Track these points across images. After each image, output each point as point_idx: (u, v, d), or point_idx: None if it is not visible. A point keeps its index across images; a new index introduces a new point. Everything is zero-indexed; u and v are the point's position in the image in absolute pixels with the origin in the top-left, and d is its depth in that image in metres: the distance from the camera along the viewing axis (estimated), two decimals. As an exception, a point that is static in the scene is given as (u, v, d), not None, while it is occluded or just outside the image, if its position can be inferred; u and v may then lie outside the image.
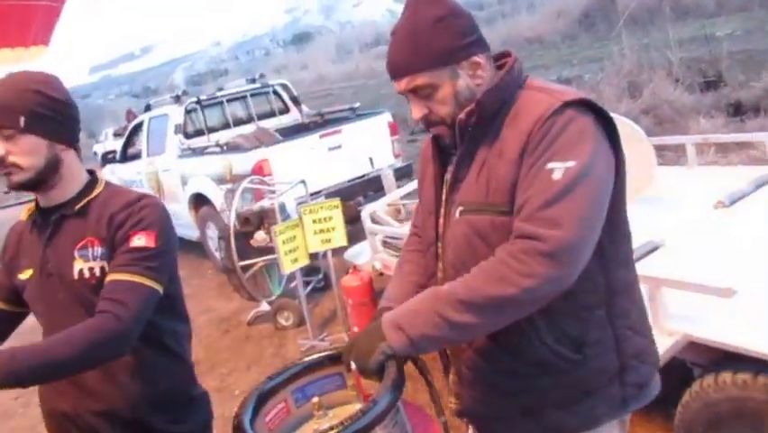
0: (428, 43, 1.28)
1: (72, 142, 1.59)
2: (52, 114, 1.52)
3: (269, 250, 5.10)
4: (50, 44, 10.54)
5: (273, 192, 5.43)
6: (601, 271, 1.30)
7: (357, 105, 7.73)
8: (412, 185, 4.96)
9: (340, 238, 4.55)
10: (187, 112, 7.60)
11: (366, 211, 4.37)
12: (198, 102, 7.71)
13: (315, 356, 1.40)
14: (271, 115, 8.45)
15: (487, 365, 1.39)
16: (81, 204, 1.59)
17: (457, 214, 1.34)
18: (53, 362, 1.32)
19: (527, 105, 1.28)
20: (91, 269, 1.52)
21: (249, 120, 8.21)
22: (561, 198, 1.16)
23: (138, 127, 8.27)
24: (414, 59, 1.30)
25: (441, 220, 1.41)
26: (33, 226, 1.62)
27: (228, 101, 8.16)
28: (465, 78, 1.31)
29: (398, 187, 5.82)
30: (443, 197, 1.41)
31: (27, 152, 1.50)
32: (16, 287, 1.64)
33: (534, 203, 1.17)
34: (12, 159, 1.49)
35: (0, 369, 1.26)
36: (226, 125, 8.03)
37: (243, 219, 5.17)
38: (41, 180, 1.54)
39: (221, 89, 8.33)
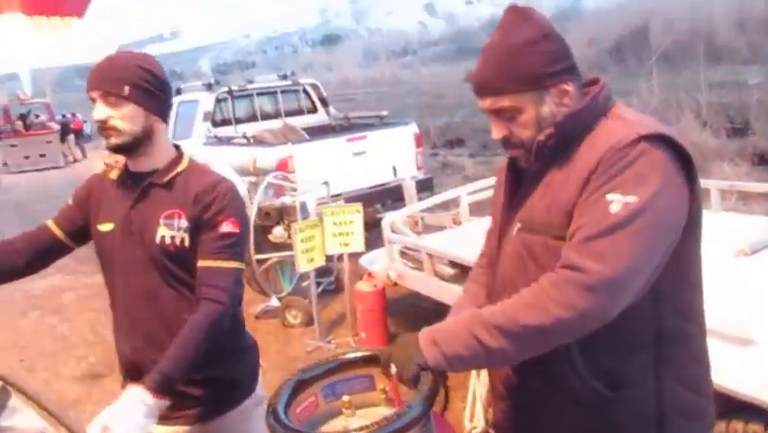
0: (517, 66, 1.26)
1: (164, 117, 1.76)
2: (152, 88, 1.68)
3: (285, 246, 5.15)
4: (84, 17, 10.71)
5: (295, 190, 5.49)
6: (653, 317, 1.26)
7: (385, 113, 7.80)
8: (434, 199, 5.00)
9: (358, 243, 4.59)
10: (218, 101, 7.69)
11: (387, 220, 4.40)
12: (230, 92, 7.80)
13: (350, 355, 1.44)
14: (299, 112, 8.53)
15: (519, 387, 1.39)
16: (169, 177, 1.75)
17: (514, 231, 1.35)
18: (193, 361, 1.58)
19: (604, 133, 1.25)
20: (173, 237, 1.69)
21: (276, 115, 8.28)
22: (612, 233, 1.14)
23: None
24: (501, 80, 1.28)
25: (503, 238, 1.42)
26: (120, 186, 1.78)
27: (258, 94, 8.25)
28: (551, 104, 1.29)
29: (419, 199, 5.87)
30: (508, 214, 1.41)
31: (127, 117, 1.66)
32: (85, 230, 1.83)
33: (585, 233, 1.17)
34: (112, 122, 1.66)
35: (161, 387, 1.49)
36: (254, 118, 8.11)
37: (264, 213, 5.23)
38: (135, 146, 1.70)
39: (251, 82, 8.42)
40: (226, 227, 1.68)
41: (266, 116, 8.22)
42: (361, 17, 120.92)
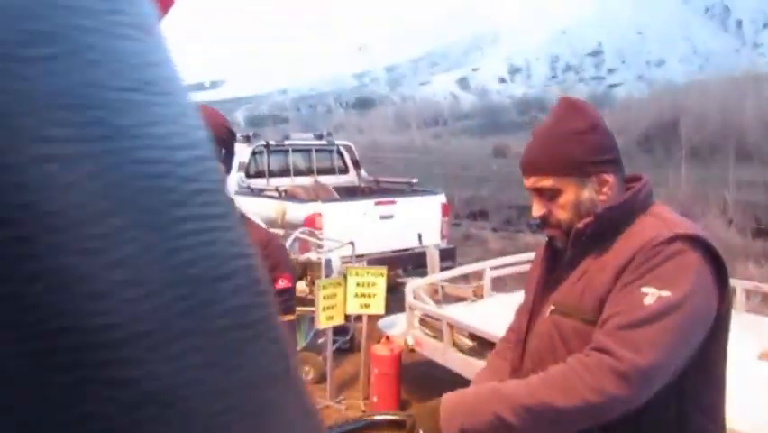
0: (562, 151, 1.36)
1: (229, 171, 1.88)
2: (231, 146, 1.79)
3: (305, 301, 5.19)
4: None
5: (321, 247, 5.58)
6: (675, 413, 1.29)
7: (415, 180, 7.95)
8: (459, 270, 5.05)
9: (379, 306, 4.62)
10: (254, 153, 7.92)
11: (410, 286, 4.45)
12: (266, 146, 8.03)
13: (377, 417, 1.48)
14: (331, 171, 8.72)
15: None
16: None
17: (547, 312, 1.40)
18: None
19: (641, 228, 1.32)
20: None
21: (309, 172, 8.48)
22: (647, 324, 1.19)
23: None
24: (546, 161, 1.37)
25: (534, 317, 1.47)
26: None
27: (293, 150, 8.47)
28: (591, 191, 1.36)
29: (441, 267, 5.92)
30: (541, 295, 1.46)
31: None
32: None
33: (619, 321, 1.21)
34: None
35: None
36: (287, 173, 8.31)
37: (289, 267, 5.30)
38: None
39: (287, 138, 8.67)
40: (281, 283, 1.76)
41: (298, 172, 8.42)
42: (396, 84, 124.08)
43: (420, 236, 6.92)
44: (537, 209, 1.41)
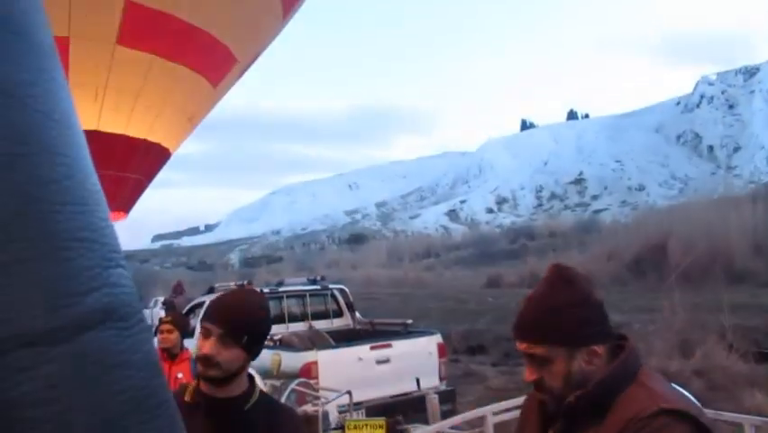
0: (554, 323, 1.40)
1: (257, 355, 1.88)
2: (262, 336, 1.84)
3: (303, 458, 4.99)
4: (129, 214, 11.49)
5: (318, 399, 5.45)
6: None
7: (410, 321, 7.92)
8: (461, 417, 4.91)
9: (379, 460, 4.44)
10: (248, 301, 7.92)
11: (411, 437, 4.31)
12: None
13: None
14: (325, 316, 8.69)
15: None
16: (247, 407, 1.82)
17: None
18: None
19: (629, 400, 1.35)
20: None
21: (303, 318, 8.44)
22: None
23: (198, 306, 8.60)
24: (537, 330, 1.42)
25: None
26: (198, 410, 1.80)
27: (287, 296, 8.49)
28: (580, 361, 1.40)
29: (441, 411, 5.75)
30: None
31: (234, 359, 1.75)
32: None
33: None
34: (218, 359, 1.74)
35: None
36: (281, 320, 8.26)
37: (285, 421, 5.14)
38: (227, 380, 1.78)
39: (281, 284, 8.72)
40: None
41: (293, 318, 8.38)
42: (387, 220, 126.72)
43: (418, 381, 6.79)
44: (530, 374, 1.45)
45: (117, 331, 0.30)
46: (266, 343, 6.95)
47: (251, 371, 1.97)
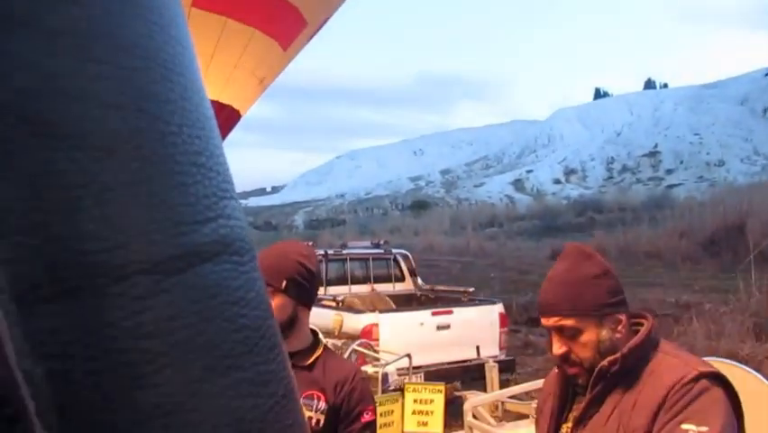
0: (582, 295, 1.50)
1: (310, 305, 1.96)
2: (305, 281, 1.87)
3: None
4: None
5: (377, 360, 5.54)
6: None
7: (472, 289, 7.91)
8: (520, 387, 4.90)
9: (437, 423, 4.49)
10: (312, 262, 8.09)
11: (469, 404, 4.35)
12: (325, 255, 8.21)
13: None
14: (387, 280, 8.78)
15: None
16: (310, 360, 1.90)
17: None
18: None
19: (665, 367, 1.46)
20: (310, 418, 1.79)
21: (365, 281, 8.56)
22: None
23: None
24: (566, 304, 1.51)
25: None
26: None
27: (350, 259, 8.62)
28: (608, 330, 1.52)
29: (501, 380, 5.76)
30: (567, 432, 1.55)
31: (277, 308, 1.81)
32: None
33: None
34: None
35: None
36: (344, 281, 8.41)
37: (345, 380, 5.27)
38: (282, 332, 1.86)
39: (345, 246, 8.85)
40: (366, 416, 1.84)
41: (356, 281, 8.51)
42: (451, 187, 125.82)
43: (478, 349, 6.80)
44: (558, 347, 1.54)
45: (233, 266, 0.29)
46: (329, 304, 7.10)
47: (314, 328, 2.03)
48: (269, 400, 0.30)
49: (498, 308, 7.23)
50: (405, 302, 7.86)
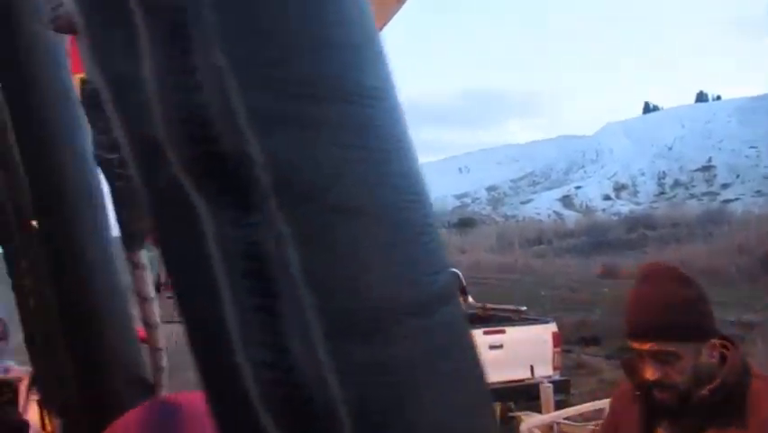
0: (684, 319, 1.45)
1: None
2: None
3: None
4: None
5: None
6: None
7: (524, 308, 7.85)
8: (577, 409, 4.85)
9: (493, 444, 4.48)
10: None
11: (525, 426, 4.33)
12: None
13: None
14: None
15: None
16: None
17: None
18: None
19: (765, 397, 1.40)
20: None
21: (416, 300, 8.58)
22: None
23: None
24: (667, 328, 1.45)
25: None
26: None
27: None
28: (706, 355, 1.47)
29: (555, 401, 5.68)
30: None
31: None
32: None
33: None
34: None
35: None
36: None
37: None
38: None
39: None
40: None
41: None
42: (498, 204, 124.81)
43: (532, 368, 6.73)
44: (653, 373, 1.46)
45: (456, 308, 0.36)
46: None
47: None
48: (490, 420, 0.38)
49: (552, 327, 7.15)
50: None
